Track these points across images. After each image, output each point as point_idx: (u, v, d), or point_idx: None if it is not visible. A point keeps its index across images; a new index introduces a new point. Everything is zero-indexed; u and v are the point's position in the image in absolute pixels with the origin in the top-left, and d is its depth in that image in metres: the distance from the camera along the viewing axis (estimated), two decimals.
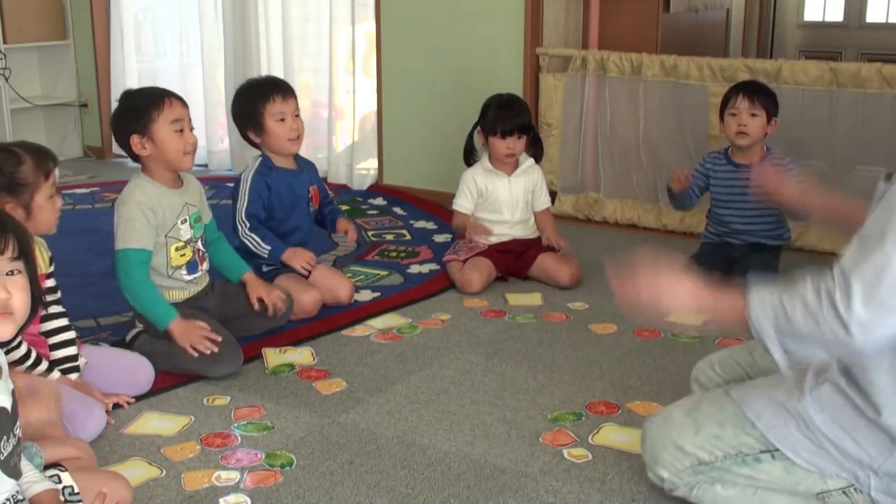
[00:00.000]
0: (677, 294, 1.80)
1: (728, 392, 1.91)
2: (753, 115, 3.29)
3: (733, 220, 3.39)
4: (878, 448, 1.72)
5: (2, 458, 1.56)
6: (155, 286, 2.69)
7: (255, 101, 3.13)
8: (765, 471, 1.84)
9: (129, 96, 2.78)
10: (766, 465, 1.83)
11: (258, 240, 3.10)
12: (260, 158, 3.19)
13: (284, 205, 3.17)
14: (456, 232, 3.62)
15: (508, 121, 3.43)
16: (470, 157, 3.61)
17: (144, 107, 2.67)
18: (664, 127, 4.12)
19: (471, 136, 3.60)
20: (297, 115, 3.18)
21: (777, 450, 1.81)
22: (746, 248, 3.36)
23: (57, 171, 2.35)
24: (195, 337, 2.61)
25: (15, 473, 1.61)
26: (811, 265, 1.81)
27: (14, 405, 1.64)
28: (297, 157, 3.28)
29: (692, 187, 3.44)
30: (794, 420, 1.79)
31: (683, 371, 2.68)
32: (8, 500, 1.60)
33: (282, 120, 3.12)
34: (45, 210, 2.34)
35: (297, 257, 3.14)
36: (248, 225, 3.11)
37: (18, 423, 1.64)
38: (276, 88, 3.15)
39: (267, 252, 3.11)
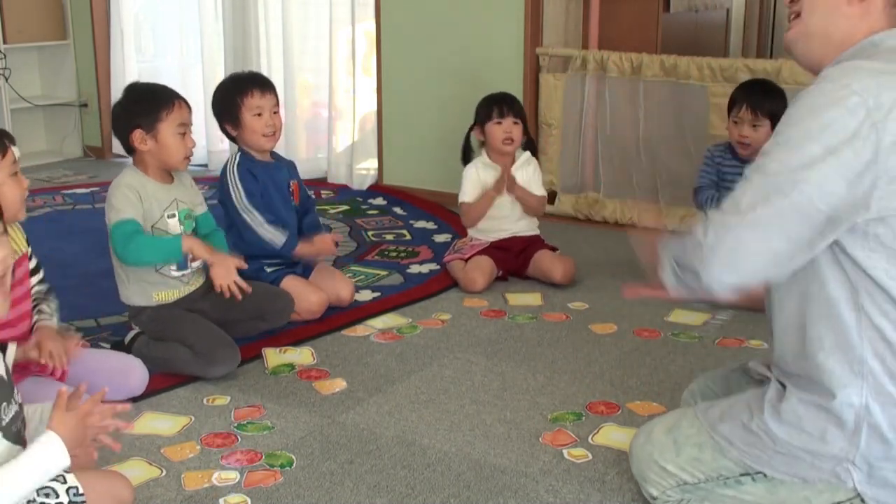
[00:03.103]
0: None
1: (698, 418, 1.89)
2: (756, 125, 3.22)
3: None
4: (845, 439, 1.71)
5: (3, 424, 1.58)
6: (151, 236, 2.67)
7: (234, 93, 3.09)
8: (748, 492, 1.82)
9: (136, 89, 2.79)
10: (749, 487, 1.82)
11: (272, 229, 3.06)
12: (238, 152, 3.16)
13: (270, 196, 3.13)
14: (466, 223, 3.57)
15: (503, 104, 3.48)
16: (467, 157, 3.61)
17: (155, 104, 2.68)
18: (664, 127, 4.12)
19: (468, 136, 3.60)
20: (276, 112, 3.13)
21: (757, 472, 1.80)
22: None
23: (15, 150, 2.28)
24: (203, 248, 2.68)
25: (19, 440, 1.64)
26: None
27: (9, 374, 1.66)
28: (273, 154, 3.24)
29: (708, 185, 3.39)
30: (760, 439, 1.78)
31: (683, 371, 2.69)
32: None
33: (258, 115, 3.07)
34: (8, 187, 2.24)
35: (314, 248, 3.13)
36: (254, 213, 3.05)
37: (17, 391, 1.66)
38: (255, 82, 3.12)
39: (283, 241, 3.06)
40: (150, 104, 2.69)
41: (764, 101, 3.25)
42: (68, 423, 1.66)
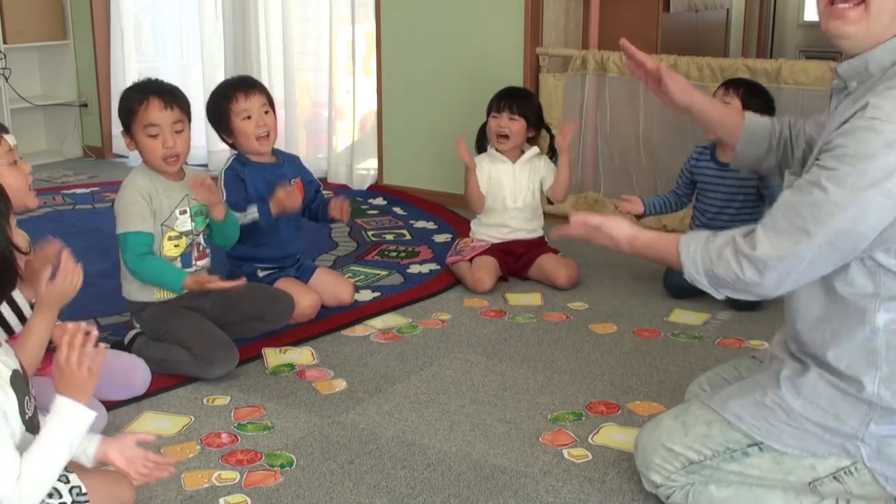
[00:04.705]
0: (619, 226, 1.96)
1: (705, 403, 1.93)
2: (726, 101, 3.25)
3: (717, 214, 3.35)
4: (858, 418, 1.77)
5: (27, 418, 1.62)
6: (160, 264, 2.68)
7: (221, 101, 3.07)
8: (754, 465, 1.86)
9: (126, 90, 2.77)
10: (755, 459, 1.86)
11: (243, 214, 3.01)
12: (232, 157, 3.14)
13: (263, 199, 3.09)
14: (471, 205, 3.57)
15: (503, 99, 3.48)
16: (482, 147, 3.62)
17: (128, 106, 2.67)
18: (664, 127, 4.11)
19: (483, 128, 3.60)
20: (267, 112, 3.08)
21: (763, 442, 1.85)
22: None
23: (10, 138, 2.25)
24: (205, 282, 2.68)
25: (38, 432, 1.67)
26: None
27: (24, 370, 1.69)
28: (277, 152, 3.21)
29: (675, 189, 3.44)
30: (773, 412, 1.83)
31: (683, 371, 2.69)
32: None
33: (248, 118, 3.04)
34: (9, 176, 2.20)
35: (280, 193, 3.04)
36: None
37: (32, 386, 1.69)
38: (239, 86, 3.08)
39: (256, 208, 3.02)
40: (124, 105, 2.68)
41: (739, 83, 3.34)
42: (118, 447, 1.74)
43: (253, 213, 3.04)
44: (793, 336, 1.89)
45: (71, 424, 1.65)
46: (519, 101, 3.49)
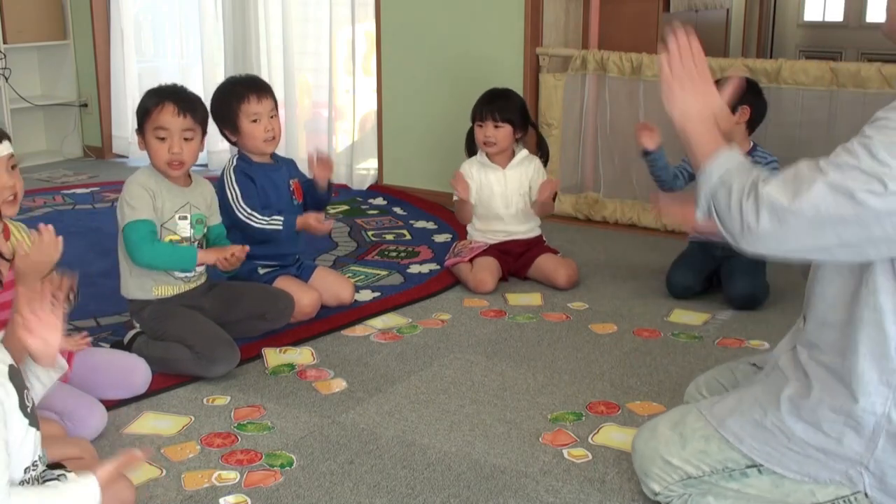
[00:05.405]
0: (707, 93, 1.87)
1: (703, 415, 1.89)
2: None
3: None
4: (862, 444, 1.72)
5: (29, 410, 1.62)
6: (166, 243, 2.71)
7: (230, 100, 3.07)
8: (753, 485, 1.83)
9: (148, 91, 2.80)
10: (754, 480, 1.83)
11: (268, 220, 3.05)
12: (236, 155, 3.15)
13: (268, 197, 3.11)
14: (461, 220, 3.58)
15: (485, 106, 3.46)
16: (472, 152, 3.61)
17: (146, 107, 2.71)
18: (664, 127, 4.07)
19: (470, 132, 3.60)
20: (273, 116, 3.10)
21: (764, 465, 1.81)
22: (732, 247, 3.30)
23: (5, 144, 2.23)
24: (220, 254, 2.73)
25: (38, 425, 1.66)
26: (798, 264, 1.83)
27: (15, 361, 1.68)
28: (273, 155, 3.22)
29: (680, 169, 3.36)
30: (774, 436, 1.78)
31: (683, 371, 2.69)
32: (36, 462, 1.63)
33: (255, 121, 3.05)
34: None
35: (309, 218, 3.09)
36: (246, 211, 3.04)
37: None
38: (251, 88, 3.09)
39: (281, 223, 3.05)
40: (142, 105, 2.73)
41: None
42: (112, 479, 1.67)
43: (276, 222, 3.06)
44: (807, 341, 1.82)
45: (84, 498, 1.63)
46: (501, 105, 3.45)
